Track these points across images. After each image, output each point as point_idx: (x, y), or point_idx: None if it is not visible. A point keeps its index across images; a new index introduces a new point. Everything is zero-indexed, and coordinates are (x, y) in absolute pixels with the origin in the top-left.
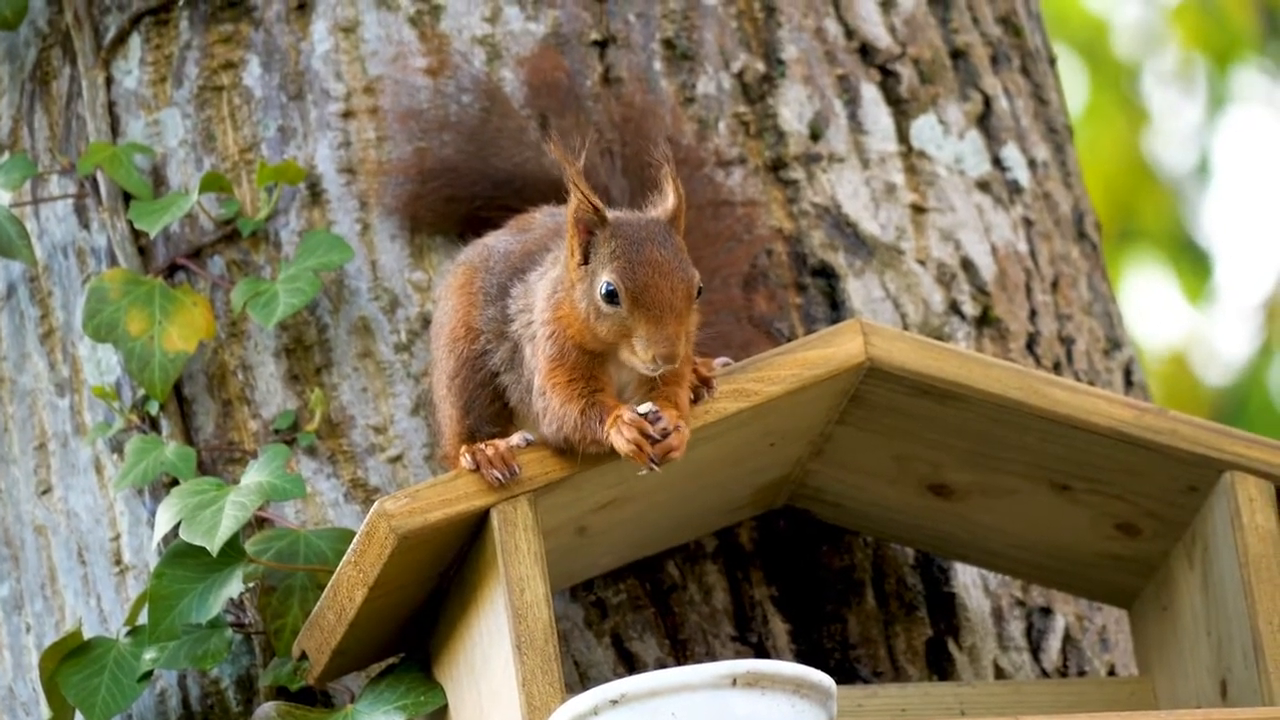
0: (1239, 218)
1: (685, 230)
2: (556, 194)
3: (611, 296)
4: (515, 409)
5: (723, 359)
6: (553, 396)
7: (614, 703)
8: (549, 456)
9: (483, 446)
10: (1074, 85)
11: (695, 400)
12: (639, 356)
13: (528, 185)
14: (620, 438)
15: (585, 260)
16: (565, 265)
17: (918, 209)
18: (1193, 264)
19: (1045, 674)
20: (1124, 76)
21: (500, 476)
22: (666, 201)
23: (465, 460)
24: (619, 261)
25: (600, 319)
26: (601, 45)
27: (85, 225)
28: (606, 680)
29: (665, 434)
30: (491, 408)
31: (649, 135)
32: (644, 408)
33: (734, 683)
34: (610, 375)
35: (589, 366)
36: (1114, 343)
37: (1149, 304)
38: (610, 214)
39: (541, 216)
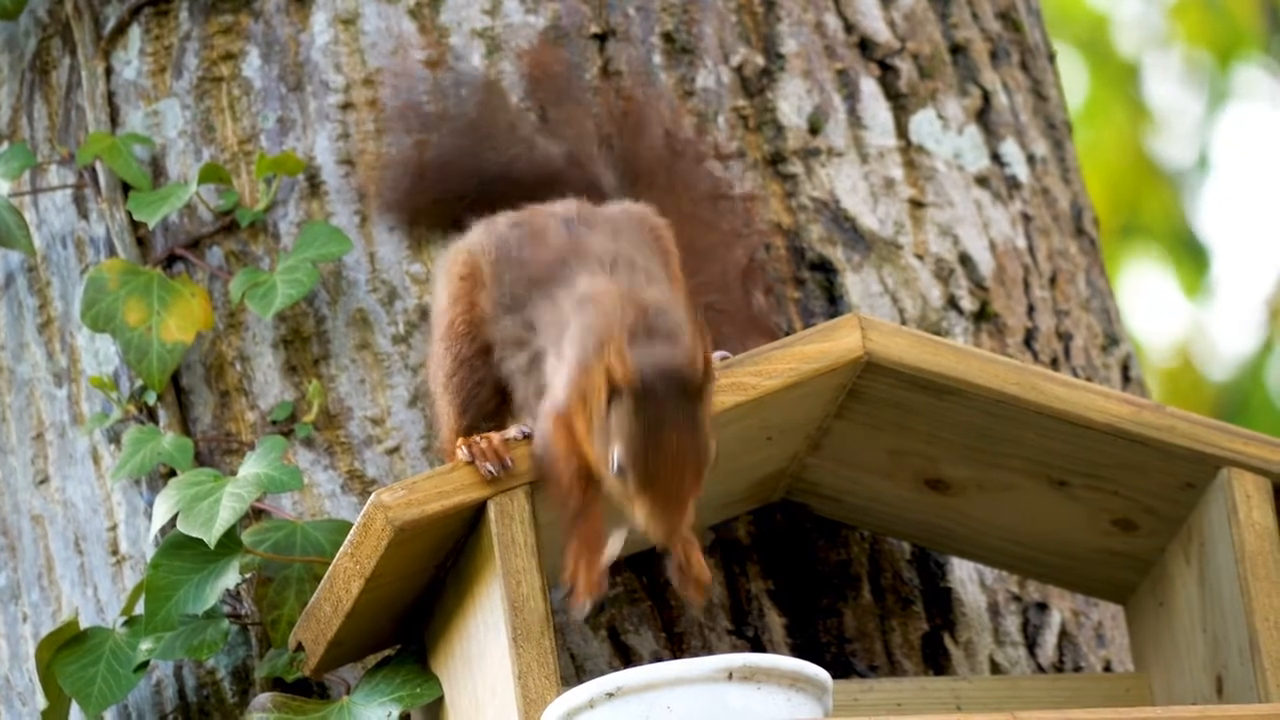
0: (1240, 214)
1: (684, 225)
2: (548, 189)
3: (621, 473)
4: (521, 407)
5: (721, 353)
6: (551, 448)
7: (610, 696)
8: None
9: (478, 439)
10: (1076, 81)
11: None
12: (638, 524)
13: (516, 183)
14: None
15: (607, 412)
16: (591, 393)
17: (916, 204)
18: (1192, 260)
19: (1041, 669)
20: (1126, 73)
21: (493, 470)
22: (695, 365)
23: (461, 453)
24: (635, 443)
25: (608, 480)
26: (601, 39)
27: (84, 215)
28: (603, 673)
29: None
30: (489, 405)
31: (649, 130)
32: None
33: (730, 676)
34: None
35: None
36: (1112, 338)
37: (1152, 299)
38: (636, 371)
39: (556, 225)
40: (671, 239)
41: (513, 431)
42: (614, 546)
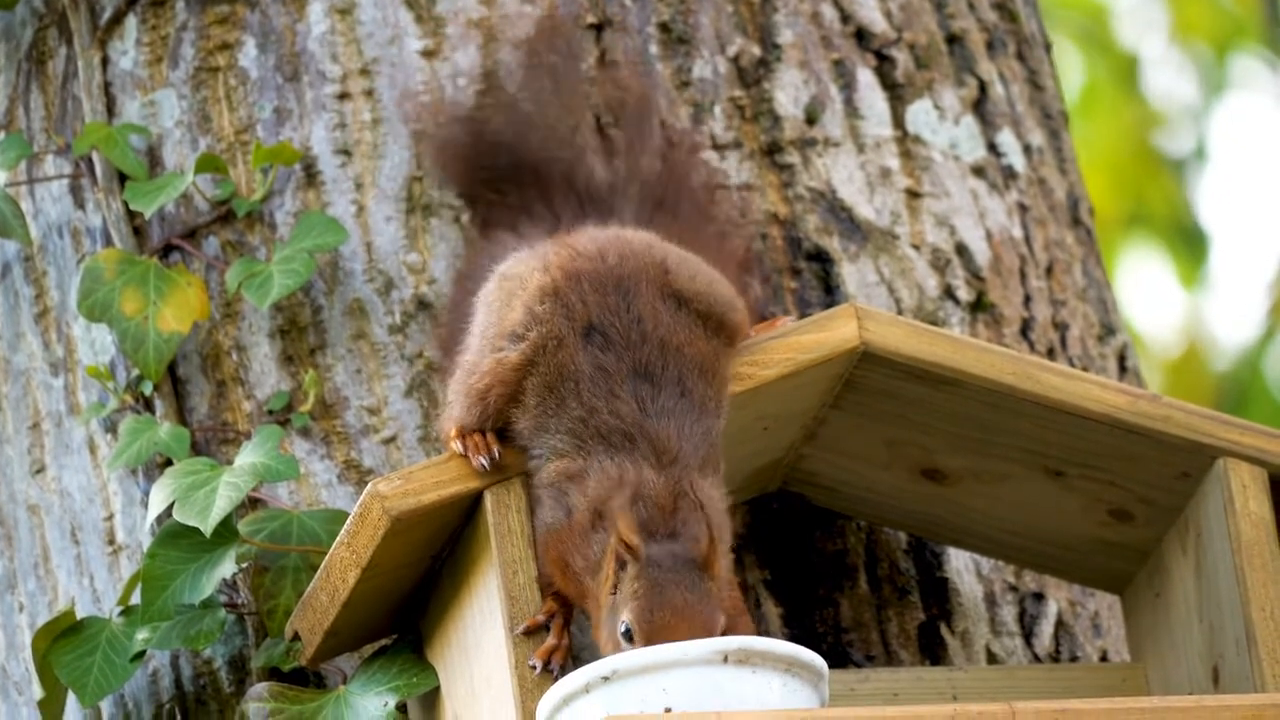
0: (1239, 205)
1: (683, 216)
2: (575, 201)
3: (628, 635)
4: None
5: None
6: (543, 560)
7: (606, 679)
8: None
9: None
10: (1077, 71)
11: None
12: None
13: (548, 183)
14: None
15: (614, 589)
16: (604, 573)
17: (913, 194)
18: (1192, 250)
19: (1038, 659)
20: (1125, 63)
21: (484, 463)
22: (699, 543)
23: (455, 445)
24: (639, 602)
25: (616, 649)
26: (598, 29)
27: (80, 205)
28: (599, 658)
29: None
30: (497, 421)
31: (645, 119)
32: None
33: (725, 659)
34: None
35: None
36: (1108, 329)
37: (1152, 290)
38: (644, 550)
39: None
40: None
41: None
42: None
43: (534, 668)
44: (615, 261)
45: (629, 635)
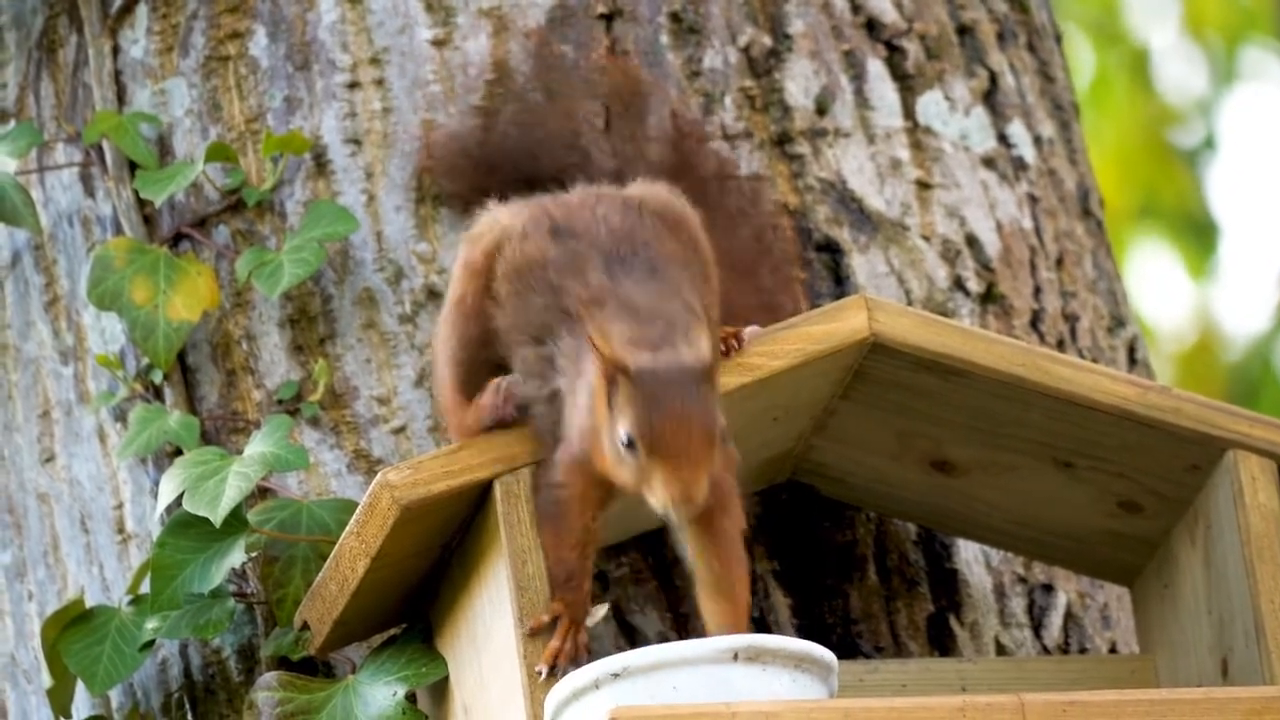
0: (1250, 195)
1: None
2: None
3: (630, 445)
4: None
5: (753, 327)
6: (562, 493)
7: (615, 676)
8: None
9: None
10: (1087, 62)
11: (725, 353)
12: (656, 500)
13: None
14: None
15: (610, 406)
16: (595, 408)
17: (923, 185)
18: (1202, 242)
19: (1047, 651)
20: (1137, 54)
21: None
22: (700, 350)
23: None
24: (636, 409)
25: (621, 466)
26: (608, 18)
27: (90, 194)
28: (608, 654)
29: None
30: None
31: (649, 107)
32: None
33: (735, 657)
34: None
35: (604, 496)
36: (1118, 320)
37: (1163, 281)
38: (634, 362)
39: (586, 218)
40: (696, 226)
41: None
42: (595, 618)
43: (539, 673)
44: (572, 195)
45: (631, 444)
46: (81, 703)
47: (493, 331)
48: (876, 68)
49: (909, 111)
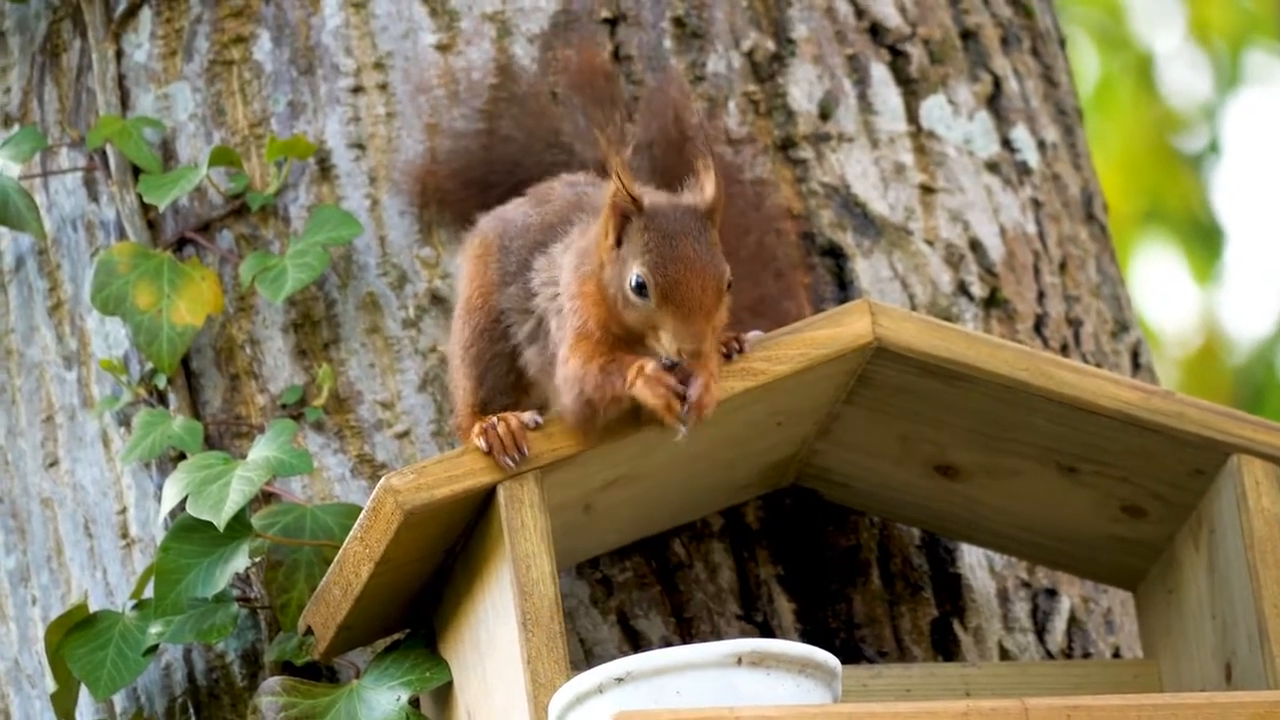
0: (1254, 199)
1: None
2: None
3: (640, 289)
4: (535, 380)
5: (755, 331)
6: (574, 361)
7: (619, 680)
8: (557, 434)
9: (495, 423)
10: (1093, 66)
11: (728, 357)
12: (663, 348)
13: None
14: (647, 391)
15: (618, 244)
16: (597, 243)
17: (927, 189)
18: (1207, 246)
19: (1050, 655)
20: (1142, 59)
21: (512, 460)
22: (704, 192)
23: (480, 442)
24: (651, 255)
25: (627, 308)
26: (612, 23)
27: (94, 198)
28: (612, 658)
29: (695, 391)
30: (506, 379)
31: (660, 114)
32: (669, 361)
33: (739, 661)
34: (633, 349)
35: (614, 341)
36: (1122, 325)
37: (1170, 285)
38: (647, 200)
39: (561, 187)
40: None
41: (527, 417)
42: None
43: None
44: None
45: (641, 289)
46: (85, 708)
47: (500, 314)
48: (880, 72)
49: (912, 116)
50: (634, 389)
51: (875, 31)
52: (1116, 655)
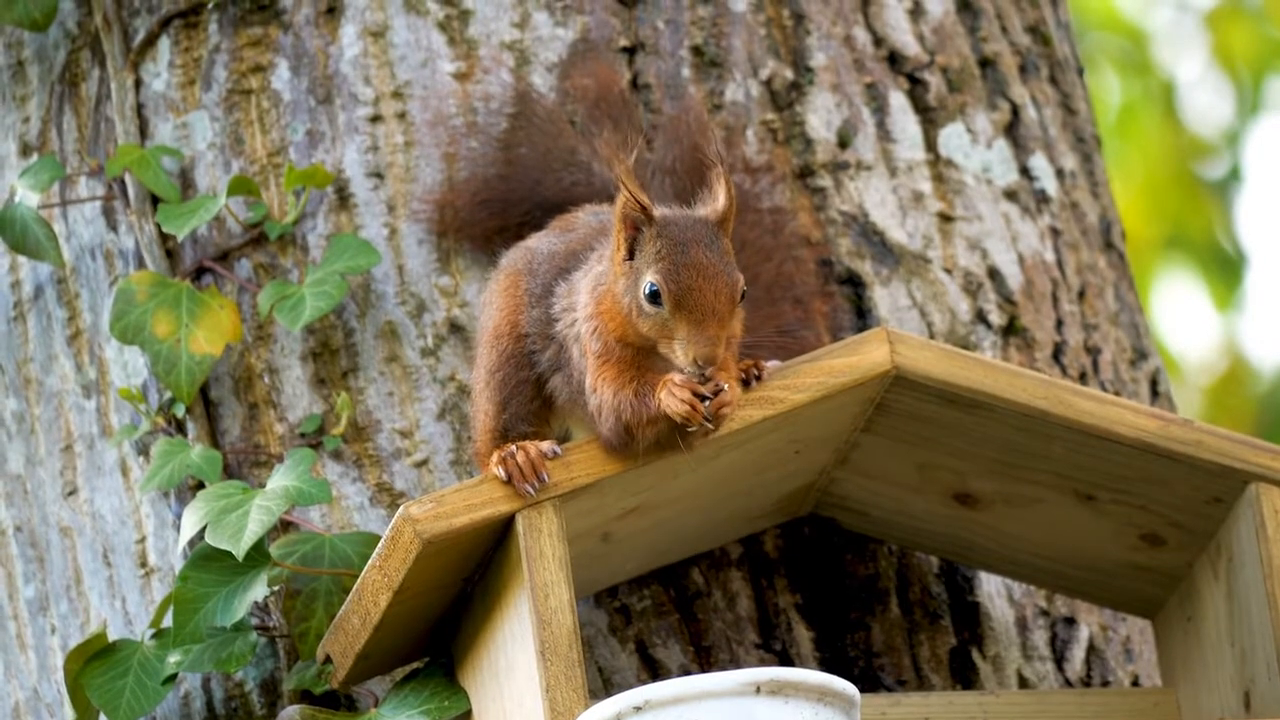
0: (1276, 226)
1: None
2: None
3: (654, 297)
4: (562, 408)
5: (774, 362)
6: (604, 390)
7: (637, 709)
8: (575, 463)
9: (514, 451)
10: (1115, 93)
11: (746, 384)
12: (679, 357)
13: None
14: (673, 399)
15: (630, 256)
16: (610, 259)
17: (945, 218)
18: (1227, 272)
19: (1069, 684)
20: (1165, 86)
21: (531, 488)
22: (716, 202)
23: (499, 470)
24: (663, 262)
25: (642, 317)
26: (630, 51)
27: (113, 227)
28: (630, 687)
29: (717, 391)
30: (530, 406)
31: (681, 139)
32: (691, 369)
33: (758, 690)
34: (655, 365)
35: (635, 357)
36: (1140, 353)
37: (1191, 312)
38: (658, 211)
39: (585, 216)
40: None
41: (546, 446)
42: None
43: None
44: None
45: (655, 296)
46: None
47: (525, 339)
48: (898, 100)
49: (931, 144)
50: (663, 404)
51: (894, 60)
52: (1135, 683)
